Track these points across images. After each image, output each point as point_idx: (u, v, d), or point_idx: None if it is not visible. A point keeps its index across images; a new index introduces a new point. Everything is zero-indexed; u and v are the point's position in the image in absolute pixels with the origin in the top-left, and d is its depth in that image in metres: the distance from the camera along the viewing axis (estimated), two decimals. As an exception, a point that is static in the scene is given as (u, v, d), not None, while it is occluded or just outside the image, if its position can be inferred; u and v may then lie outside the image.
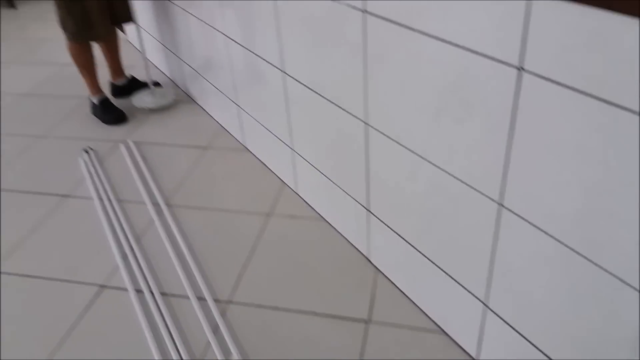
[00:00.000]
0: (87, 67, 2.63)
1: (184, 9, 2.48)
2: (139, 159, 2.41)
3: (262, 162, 2.33)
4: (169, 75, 3.11)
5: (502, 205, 1.14)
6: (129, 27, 3.54)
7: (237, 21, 2.03)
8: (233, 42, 2.12)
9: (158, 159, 2.42)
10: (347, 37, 1.41)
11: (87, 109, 2.80)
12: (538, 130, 0.99)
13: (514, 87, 0.99)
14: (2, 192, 2.27)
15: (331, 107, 1.63)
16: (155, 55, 3.17)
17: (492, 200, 1.15)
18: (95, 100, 2.71)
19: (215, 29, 2.23)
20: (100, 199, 2.16)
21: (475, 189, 1.20)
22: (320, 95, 1.66)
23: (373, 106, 1.44)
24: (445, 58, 1.12)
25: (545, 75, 0.93)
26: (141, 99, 2.83)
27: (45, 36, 3.91)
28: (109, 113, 2.70)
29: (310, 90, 1.71)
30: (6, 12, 4.53)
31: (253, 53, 1.99)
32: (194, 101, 2.86)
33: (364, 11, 1.30)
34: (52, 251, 1.95)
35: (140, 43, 2.77)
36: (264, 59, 1.93)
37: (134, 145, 2.50)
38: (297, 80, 1.77)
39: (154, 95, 2.84)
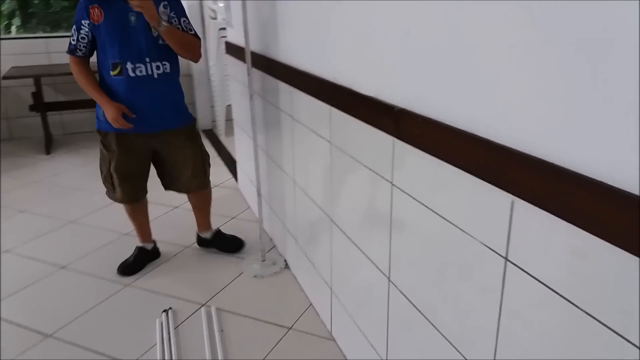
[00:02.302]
0: (133, 219, 2.69)
1: (294, 181, 2.39)
2: (215, 330, 2.19)
3: (348, 361, 2.00)
4: (268, 233, 2.99)
5: None
6: (242, 178, 3.61)
7: (347, 212, 1.85)
8: (340, 230, 1.93)
9: (236, 333, 2.18)
10: (479, 278, 1.13)
11: (178, 262, 2.72)
12: None
13: None
14: (75, 348, 2.13)
15: (441, 341, 1.31)
16: (258, 210, 3.11)
17: None
18: (135, 249, 2.73)
19: (322, 210, 2.08)
20: (165, 375, 1.94)
21: None
22: (431, 323, 1.35)
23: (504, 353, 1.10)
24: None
25: None
26: (250, 267, 2.70)
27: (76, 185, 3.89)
28: (126, 263, 2.67)
29: (417, 311, 1.42)
30: (40, 158, 4.55)
31: (357, 247, 1.78)
32: (288, 268, 2.68)
33: (506, 259, 1.02)
34: None
35: (259, 208, 2.75)
36: (367, 257, 1.70)
37: (215, 312, 2.31)
38: (403, 294, 1.49)
39: (264, 262, 2.71)
